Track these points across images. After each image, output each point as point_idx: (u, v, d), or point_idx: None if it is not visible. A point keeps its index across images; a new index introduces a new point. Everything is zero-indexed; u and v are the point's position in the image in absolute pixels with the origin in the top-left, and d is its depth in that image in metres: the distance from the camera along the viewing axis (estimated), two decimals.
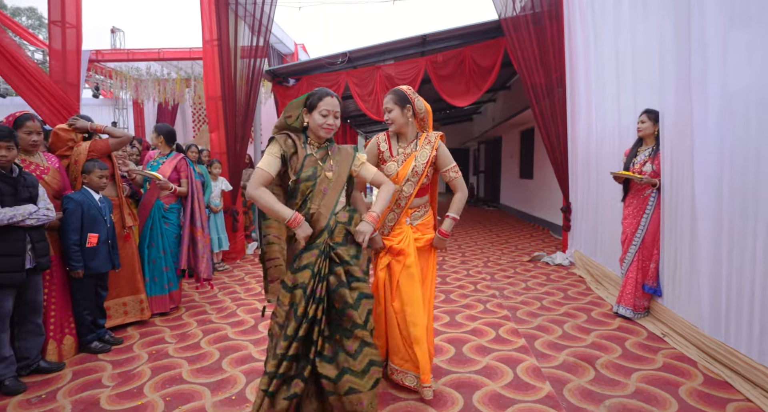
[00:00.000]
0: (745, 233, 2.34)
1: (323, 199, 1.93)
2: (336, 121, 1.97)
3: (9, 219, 2.33)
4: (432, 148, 2.29)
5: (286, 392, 1.82)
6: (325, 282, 1.87)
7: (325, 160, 1.99)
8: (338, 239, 1.94)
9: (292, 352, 1.81)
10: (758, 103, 2.26)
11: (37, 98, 4.44)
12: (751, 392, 2.22)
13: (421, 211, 2.38)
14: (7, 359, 2.44)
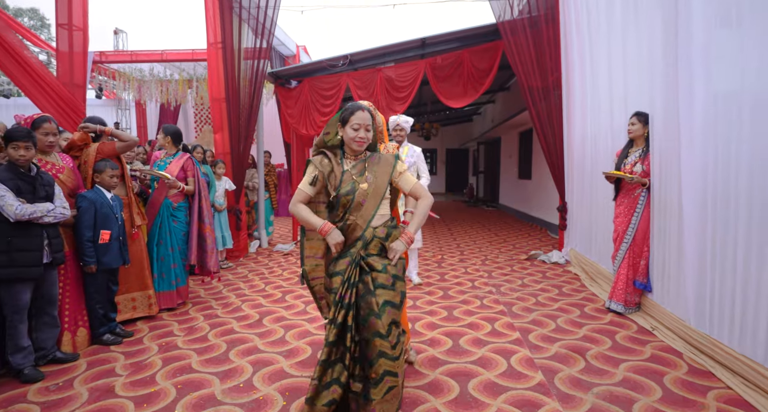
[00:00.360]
0: (726, 232, 2.46)
1: (361, 210, 2.02)
2: (368, 134, 2.04)
3: (30, 215, 2.46)
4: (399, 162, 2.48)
5: (324, 398, 1.91)
6: (355, 289, 1.96)
7: (362, 173, 2.06)
8: (373, 251, 2.02)
9: (324, 357, 1.93)
10: (739, 105, 2.38)
11: (45, 100, 4.57)
12: (731, 380, 2.35)
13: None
14: (25, 349, 2.56)
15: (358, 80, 6.36)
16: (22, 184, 2.53)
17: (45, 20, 24.72)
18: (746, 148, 2.32)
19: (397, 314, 1.97)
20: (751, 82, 2.32)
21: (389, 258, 2.02)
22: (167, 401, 2.28)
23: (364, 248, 2.01)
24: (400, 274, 2.05)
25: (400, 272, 2.05)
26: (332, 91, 6.47)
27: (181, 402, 2.26)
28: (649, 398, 2.23)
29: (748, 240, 2.31)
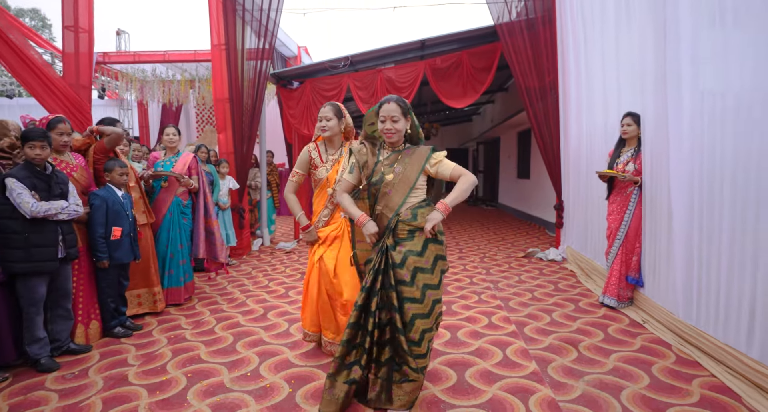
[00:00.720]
0: (711, 228, 2.58)
1: (387, 200, 2.11)
2: (394, 125, 2.11)
3: (44, 212, 2.57)
4: None
5: (345, 376, 2.05)
6: (381, 277, 2.06)
7: (392, 164, 2.15)
8: (402, 236, 2.09)
9: (346, 337, 2.06)
10: (723, 105, 2.49)
11: (52, 101, 4.69)
12: (715, 368, 2.46)
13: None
14: (42, 340, 2.68)
15: (358, 81, 6.47)
16: (38, 182, 2.64)
17: (46, 20, 24.81)
18: (729, 148, 2.43)
19: (415, 307, 2.03)
20: (733, 82, 2.44)
21: (425, 230, 2.04)
22: (179, 388, 2.40)
23: (390, 236, 2.09)
24: (427, 265, 2.06)
25: (428, 262, 2.07)
26: (333, 92, 6.58)
27: (192, 389, 2.38)
28: (636, 386, 2.35)
29: (731, 237, 2.42)
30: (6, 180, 2.53)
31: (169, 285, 3.74)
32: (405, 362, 2.03)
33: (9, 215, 2.53)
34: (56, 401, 2.28)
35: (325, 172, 2.66)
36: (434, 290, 2.09)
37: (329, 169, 2.65)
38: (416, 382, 2.06)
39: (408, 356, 2.02)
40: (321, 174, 2.66)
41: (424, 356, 2.08)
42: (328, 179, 2.63)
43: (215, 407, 2.20)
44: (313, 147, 2.72)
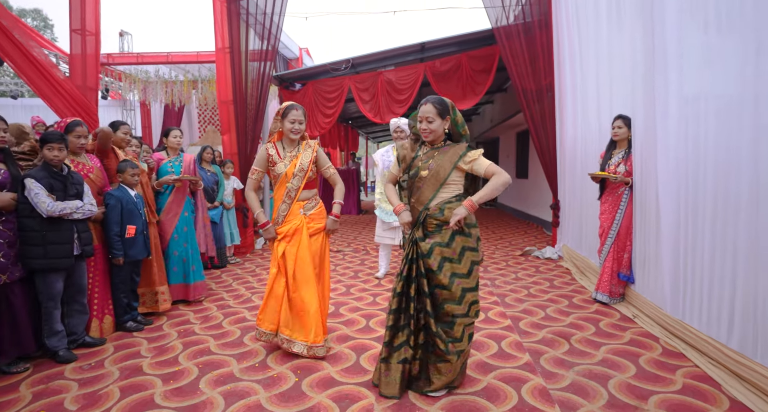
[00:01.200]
0: (696, 226, 2.72)
1: (418, 194, 2.28)
2: (429, 125, 2.24)
3: (60, 211, 2.71)
4: (312, 151, 2.84)
5: (397, 357, 2.23)
6: (415, 264, 2.22)
7: (428, 160, 2.29)
8: (431, 229, 2.24)
9: (390, 323, 2.25)
10: (706, 109, 2.63)
11: (60, 102, 4.83)
12: (699, 359, 2.60)
13: (312, 202, 2.86)
14: (59, 332, 2.82)
15: (360, 83, 6.61)
16: (55, 182, 2.78)
17: (48, 21, 24.94)
18: (711, 150, 2.57)
19: (444, 292, 2.18)
20: (715, 86, 2.58)
21: (450, 224, 2.15)
22: (191, 378, 2.54)
23: (419, 228, 2.26)
24: (454, 256, 2.19)
25: (455, 252, 2.19)
26: (335, 94, 6.72)
27: (204, 379, 2.52)
28: (623, 375, 2.48)
29: (713, 235, 2.56)
30: (25, 180, 2.67)
31: (195, 279, 3.93)
32: (435, 345, 2.20)
33: (28, 214, 2.67)
34: (76, 390, 2.42)
35: (283, 167, 2.78)
36: (463, 279, 2.20)
37: (287, 164, 2.79)
38: (449, 363, 2.20)
39: (437, 338, 2.18)
40: (279, 169, 2.78)
41: (460, 340, 2.21)
42: (287, 174, 2.77)
43: (226, 395, 2.34)
44: (271, 145, 2.85)
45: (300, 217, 2.79)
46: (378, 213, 4.52)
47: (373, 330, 3.25)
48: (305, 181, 2.79)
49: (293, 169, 2.77)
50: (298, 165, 2.77)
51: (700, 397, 2.24)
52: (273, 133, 2.89)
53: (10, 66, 4.76)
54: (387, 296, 4.08)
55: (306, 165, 2.78)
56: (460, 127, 2.33)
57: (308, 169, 2.78)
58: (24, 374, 2.61)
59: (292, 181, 2.76)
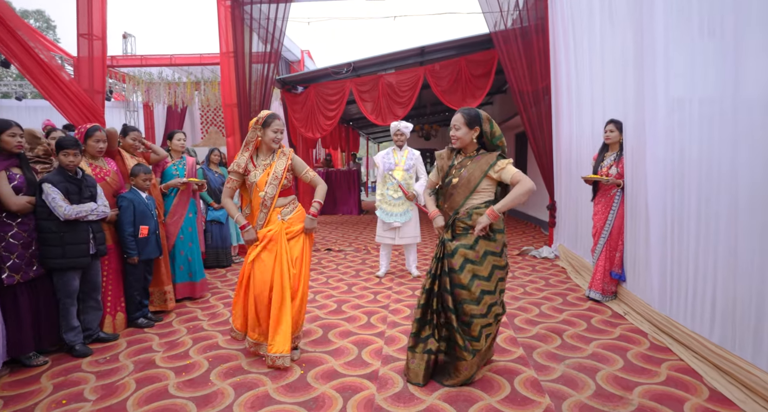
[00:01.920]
0: (681, 227, 2.86)
1: (450, 200, 2.47)
2: (457, 133, 2.45)
3: (76, 214, 2.84)
4: (287, 159, 2.84)
5: (422, 348, 2.42)
6: (441, 263, 2.40)
7: (461, 168, 2.47)
8: (459, 232, 2.43)
9: (418, 316, 2.44)
10: (690, 113, 2.76)
11: (69, 106, 4.97)
12: (684, 353, 2.74)
13: (290, 208, 2.85)
14: (76, 328, 2.96)
15: (361, 86, 6.75)
16: (71, 186, 2.91)
17: (51, 22, 25.09)
18: (695, 152, 2.71)
19: (463, 292, 2.33)
20: (698, 91, 2.72)
21: (475, 231, 2.35)
22: (201, 370, 2.68)
23: (448, 231, 2.46)
24: (475, 258, 2.34)
25: (478, 255, 2.35)
26: (336, 97, 6.86)
27: (214, 371, 2.66)
28: (611, 368, 2.62)
29: (697, 237, 2.70)
30: (42, 185, 2.80)
31: (200, 277, 4.12)
32: (455, 340, 2.36)
33: (46, 216, 2.81)
34: (94, 381, 2.56)
35: (254, 177, 2.77)
36: (483, 281, 2.35)
37: (260, 174, 2.78)
38: (466, 361, 2.35)
39: (457, 333, 2.35)
40: (252, 178, 2.78)
41: (477, 339, 2.35)
42: (258, 184, 2.76)
43: (236, 386, 2.48)
44: (246, 154, 2.83)
45: (278, 223, 2.79)
46: (379, 214, 4.66)
47: (374, 326, 3.39)
48: (279, 189, 2.78)
49: (266, 177, 2.76)
50: (272, 174, 2.77)
51: (682, 387, 2.38)
52: (250, 142, 2.81)
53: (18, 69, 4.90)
54: (387, 294, 4.22)
55: (280, 173, 2.78)
56: (496, 140, 2.47)
57: (282, 177, 2.78)
58: (43, 367, 2.76)
59: (265, 190, 2.75)
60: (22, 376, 2.64)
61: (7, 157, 2.78)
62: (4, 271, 2.66)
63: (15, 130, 2.75)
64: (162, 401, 2.33)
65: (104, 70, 5.79)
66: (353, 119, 12.93)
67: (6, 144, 2.72)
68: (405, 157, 4.64)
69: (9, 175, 2.75)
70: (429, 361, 2.42)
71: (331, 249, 6.41)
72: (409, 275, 4.88)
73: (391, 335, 3.21)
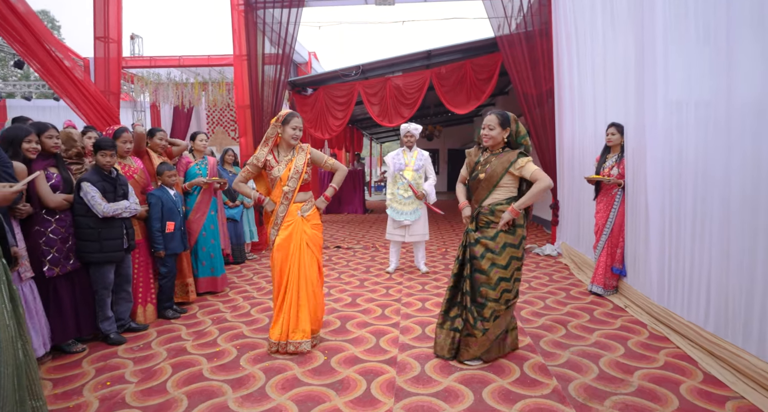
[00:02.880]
0: (679, 223, 3.05)
1: (477, 194, 2.71)
2: (490, 132, 2.65)
3: (113, 211, 3.04)
4: (306, 154, 3.02)
5: (450, 325, 2.75)
6: (464, 252, 2.70)
7: (486, 164, 2.69)
8: (481, 224, 2.67)
9: (448, 297, 2.78)
10: (686, 116, 2.96)
11: (87, 107, 5.16)
12: (680, 342, 2.94)
13: (308, 204, 3.04)
14: (110, 318, 3.16)
15: (369, 88, 6.95)
16: (107, 185, 3.10)
17: (55, 22, 25.26)
18: (692, 154, 2.90)
19: (482, 277, 2.62)
20: (692, 94, 2.92)
21: (499, 225, 2.60)
22: (231, 357, 2.88)
23: (473, 222, 2.72)
24: (495, 249, 2.60)
25: (497, 246, 2.60)
26: (345, 99, 7.06)
27: (243, 357, 2.86)
28: (613, 355, 2.82)
29: (693, 234, 2.90)
30: (82, 184, 3.00)
31: (221, 272, 4.33)
32: (467, 319, 2.64)
33: (84, 213, 3.00)
34: (132, 366, 2.76)
35: (278, 172, 2.94)
36: (501, 269, 2.61)
37: (282, 169, 2.94)
38: (475, 338, 2.63)
39: (469, 313, 2.64)
40: (275, 173, 2.94)
41: (488, 320, 2.62)
42: (281, 178, 2.93)
43: (266, 370, 2.68)
44: (267, 150, 3.00)
45: (298, 218, 2.96)
46: (390, 212, 4.85)
47: (388, 317, 3.59)
48: (300, 183, 2.95)
49: (288, 172, 2.93)
50: (293, 168, 2.93)
51: (679, 371, 2.58)
52: (270, 138, 3.00)
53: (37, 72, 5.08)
54: (398, 288, 4.41)
55: (300, 168, 2.95)
56: (521, 138, 2.70)
57: (303, 171, 2.95)
58: (82, 353, 2.96)
59: (288, 184, 2.92)
60: (64, 361, 2.84)
61: (45, 158, 2.97)
62: (44, 264, 2.85)
63: (52, 132, 2.95)
64: (199, 383, 2.53)
65: (119, 72, 5.98)
66: (357, 120, 13.13)
67: (44, 145, 2.92)
68: (415, 157, 4.83)
69: (47, 175, 2.94)
70: (454, 338, 2.73)
71: (340, 246, 6.61)
72: (418, 271, 5.08)
73: (405, 325, 3.40)
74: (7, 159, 2.37)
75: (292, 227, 2.95)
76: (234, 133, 12.36)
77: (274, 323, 2.94)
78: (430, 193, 4.86)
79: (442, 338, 2.77)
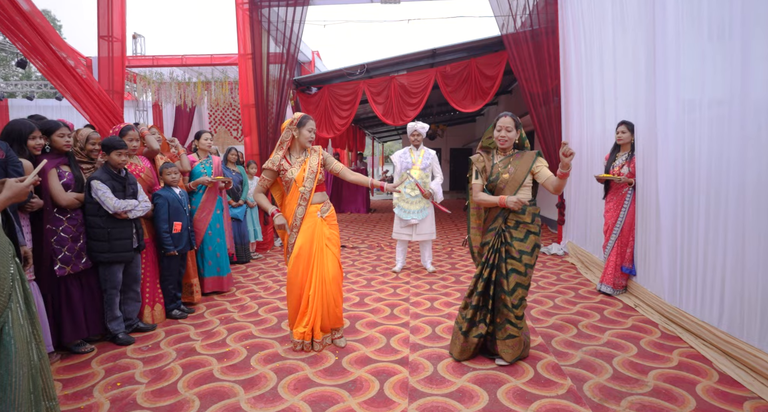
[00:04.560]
0: (691, 222, 3.03)
1: (502, 194, 2.67)
2: (508, 134, 2.67)
3: (124, 208, 3.02)
4: (318, 155, 3.05)
5: (475, 331, 2.69)
6: (497, 254, 2.64)
7: (506, 165, 2.70)
8: (510, 224, 2.66)
9: (474, 302, 2.69)
10: (700, 115, 2.93)
11: (92, 106, 5.10)
12: (693, 341, 2.92)
13: (326, 206, 3.06)
14: (119, 317, 3.14)
15: (373, 87, 6.92)
16: (116, 184, 3.09)
17: (56, 22, 25.25)
18: (705, 153, 2.88)
19: (519, 277, 2.61)
20: (706, 92, 2.89)
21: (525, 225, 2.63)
22: (241, 357, 2.86)
23: (503, 222, 2.67)
24: (527, 249, 2.62)
25: (528, 247, 2.62)
26: (349, 97, 7.03)
27: (253, 357, 2.84)
28: (626, 354, 2.80)
29: (706, 231, 2.87)
30: (92, 182, 2.98)
31: (227, 272, 4.30)
32: (508, 320, 2.62)
33: (95, 212, 2.99)
34: (142, 366, 2.74)
35: (292, 174, 2.96)
36: (530, 269, 2.65)
37: (297, 170, 2.97)
38: (517, 337, 2.62)
39: (511, 312, 2.60)
40: (290, 175, 2.96)
41: (521, 318, 2.65)
42: (296, 180, 2.95)
43: (277, 371, 2.66)
44: (281, 154, 3.00)
45: (317, 220, 2.98)
46: (397, 211, 4.83)
47: (397, 317, 3.57)
48: (316, 184, 2.98)
49: (303, 173, 2.96)
50: (308, 169, 2.97)
51: (694, 371, 2.56)
52: (285, 141, 3.01)
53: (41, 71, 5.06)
54: (406, 288, 4.39)
55: (315, 168, 2.98)
56: (524, 140, 2.80)
57: (317, 171, 2.98)
58: (90, 354, 2.94)
59: (304, 185, 2.94)
60: (73, 362, 2.82)
61: (57, 156, 2.95)
62: (56, 263, 2.84)
63: (63, 130, 2.93)
64: (210, 384, 2.51)
65: (123, 71, 5.95)
66: (359, 119, 13.10)
67: (55, 143, 2.90)
68: (422, 156, 4.81)
69: (59, 173, 2.92)
70: (478, 344, 2.72)
71: (345, 246, 6.59)
72: (425, 270, 5.06)
73: (415, 325, 3.38)
74: (16, 158, 2.35)
75: (311, 230, 2.96)
76: (236, 133, 12.34)
77: (296, 323, 2.95)
78: (437, 192, 4.84)
79: (467, 345, 2.72)
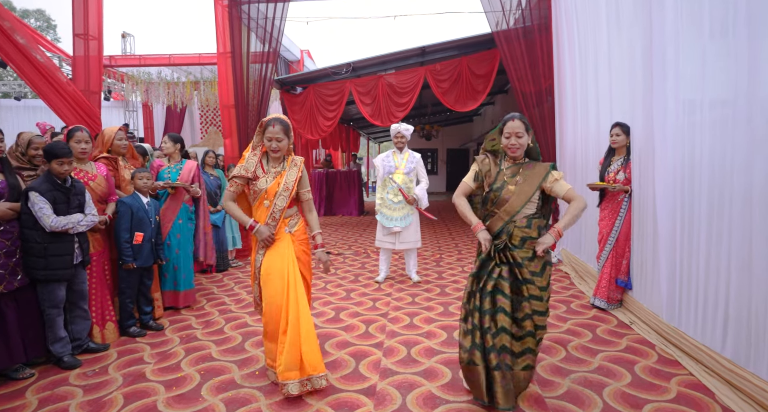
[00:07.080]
0: (691, 235, 2.75)
1: (505, 206, 2.28)
2: (518, 140, 2.29)
3: (62, 226, 2.73)
4: (298, 170, 2.62)
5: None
6: (496, 276, 2.22)
7: (514, 175, 2.34)
8: (515, 242, 2.26)
9: (469, 326, 2.26)
10: (701, 117, 2.66)
11: (64, 107, 4.86)
12: (694, 367, 2.64)
13: (295, 219, 2.66)
14: (63, 339, 2.86)
15: (360, 87, 6.65)
16: (59, 194, 2.78)
17: (51, 22, 25.03)
18: (706, 158, 2.60)
19: (537, 304, 2.23)
20: (707, 94, 2.62)
21: (535, 250, 2.22)
22: (193, 384, 2.58)
23: (508, 239, 2.26)
24: (537, 270, 2.24)
25: (537, 267, 2.25)
26: (336, 97, 6.76)
27: (206, 385, 2.57)
28: (619, 383, 2.52)
29: (708, 244, 2.59)
30: (29, 193, 2.68)
31: (185, 287, 3.89)
32: (531, 348, 2.27)
33: (31, 225, 2.69)
34: (81, 396, 2.47)
35: (265, 183, 2.54)
36: (545, 292, 2.28)
37: (270, 181, 2.55)
38: (534, 369, 2.33)
39: (533, 339, 2.26)
40: (261, 185, 2.54)
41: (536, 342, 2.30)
42: (267, 191, 2.54)
43: (228, 402, 2.38)
44: (256, 157, 2.60)
45: (286, 236, 2.60)
46: (379, 218, 4.55)
47: (372, 336, 3.29)
48: (289, 202, 2.58)
49: (277, 188, 2.54)
50: (283, 184, 2.55)
51: (694, 406, 2.28)
52: (256, 147, 2.60)
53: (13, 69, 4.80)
54: (386, 300, 4.12)
55: (291, 184, 2.56)
56: (536, 146, 2.43)
57: (293, 188, 2.58)
58: (30, 380, 2.67)
59: (276, 202, 2.53)
60: (7, 390, 2.55)
61: None
62: None
63: None
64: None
65: (100, 71, 5.68)
66: (353, 119, 12.83)
67: None
68: (405, 160, 4.54)
69: None
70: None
71: (330, 252, 6.31)
72: (409, 280, 4.78)
73: (389, 346, 3.11)
74: None
75: (279, 248, 2.55)
76: None
77: (276, 357, 2.46)
78: (422, 198, 4.56)
79: (480, 379, 2.20)
